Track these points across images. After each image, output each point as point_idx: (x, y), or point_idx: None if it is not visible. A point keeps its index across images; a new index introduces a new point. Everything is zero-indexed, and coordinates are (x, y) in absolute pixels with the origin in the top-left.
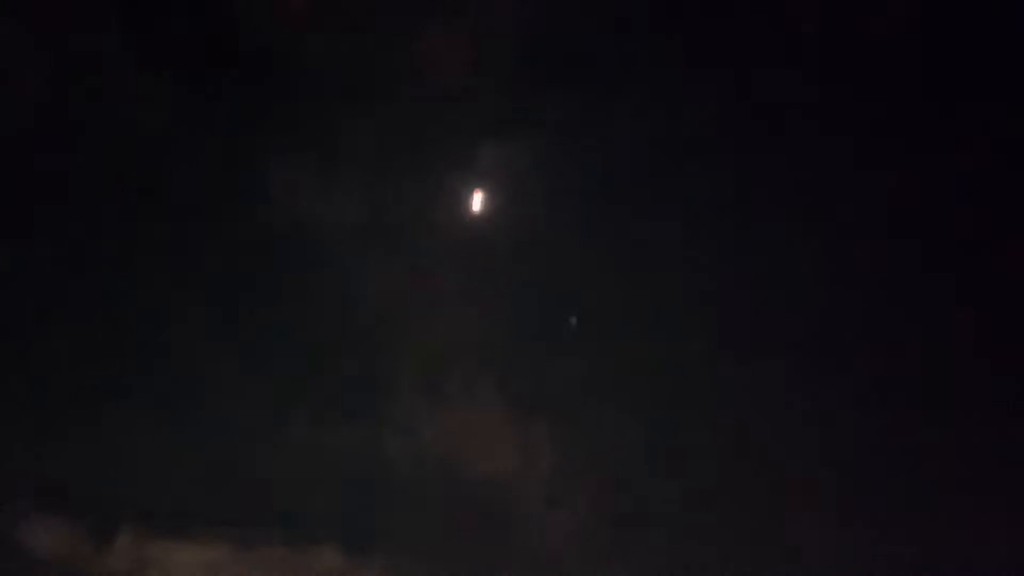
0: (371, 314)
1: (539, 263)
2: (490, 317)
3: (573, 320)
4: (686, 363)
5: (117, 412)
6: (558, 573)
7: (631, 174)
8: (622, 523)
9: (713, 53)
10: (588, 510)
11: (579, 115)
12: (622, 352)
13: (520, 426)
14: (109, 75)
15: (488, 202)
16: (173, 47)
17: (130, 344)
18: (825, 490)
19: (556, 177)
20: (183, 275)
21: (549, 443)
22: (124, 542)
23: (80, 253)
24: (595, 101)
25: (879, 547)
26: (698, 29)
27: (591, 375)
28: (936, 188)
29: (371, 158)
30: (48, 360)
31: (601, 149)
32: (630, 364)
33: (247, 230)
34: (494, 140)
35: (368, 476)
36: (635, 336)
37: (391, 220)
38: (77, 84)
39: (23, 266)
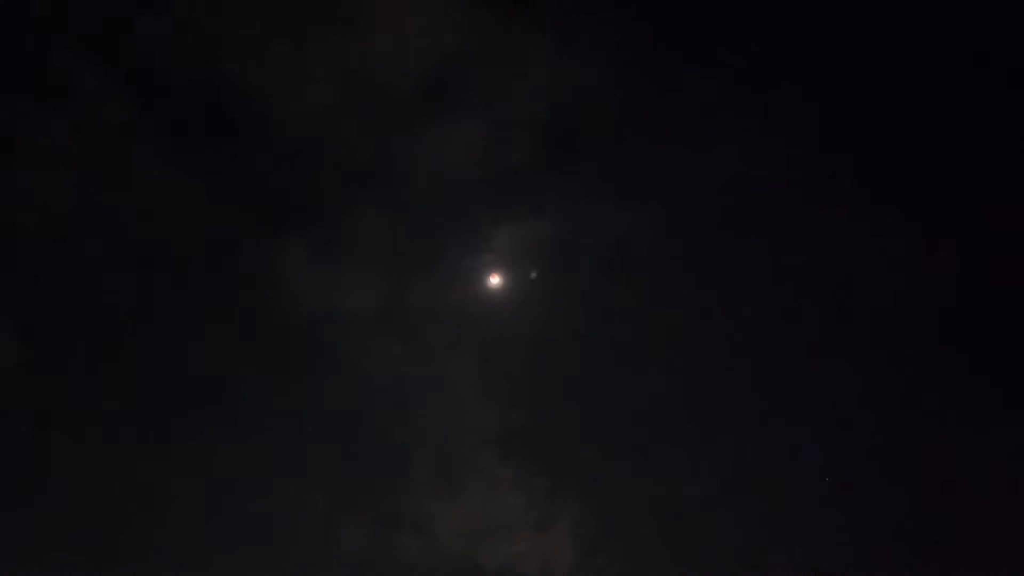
0: (384, 401)
1: (553, 349)
2: (506, 405)
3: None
4: (705, 442)
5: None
6: None
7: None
8: None
9: (707, 139)
10: None
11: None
12: (639, 435)
13: (538, 516)
14: (133, 171)
15: (500, 288)
16: (193, 143)
17: (138, 428)
18: None
19: (567, 262)
20: (195, 364)
21: (570, 536)
22: None
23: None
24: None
25: None
26: (692, 119)
27: (612, 459)
28: None
29: (385, 246)
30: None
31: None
32: (648, 446)
33: (260, 319)
34: (506, 226)
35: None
36: (651, 418)
37: (405, 307)
38: (103, 179)
39: (45, 352)
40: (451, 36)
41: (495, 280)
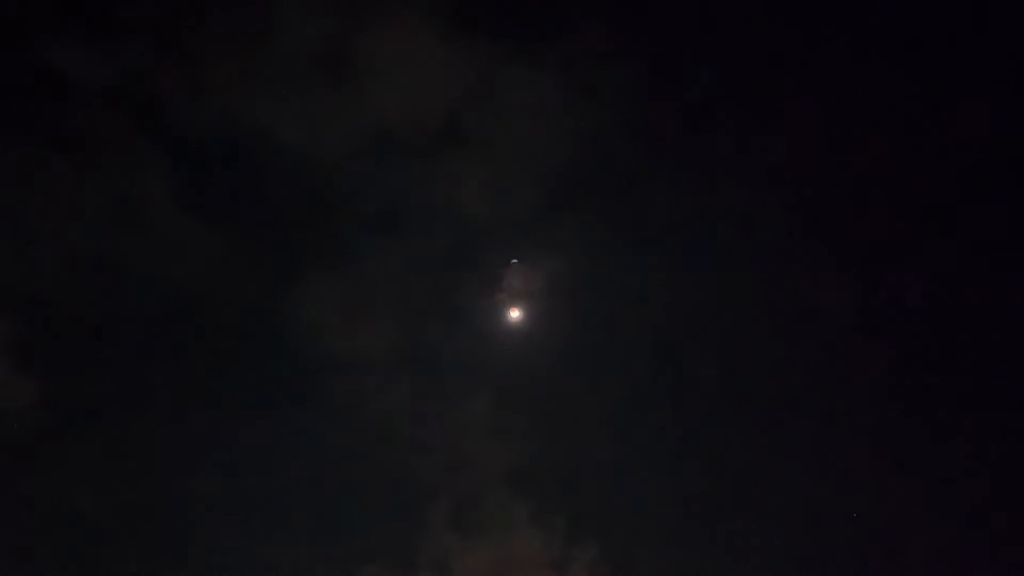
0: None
1: (569, 386)
2: (522, 442)
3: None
4: (725, 480)
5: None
6: None
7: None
8: None
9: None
10: None
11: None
12: (660, 472)
13: (555, 555)
14: (151, 220)
15: (515, 326)
16: (213, 190)
17: (155, 467)
18: None
19: (580, 300)
20: (210, 405)
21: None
22: None
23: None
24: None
25: None
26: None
27: (631, 494)
28: None
29: (400, 287)
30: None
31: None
32: (670, 484)
33: (276, 360)
34: (519, 266)
35: None
36: (669, 455)
37: (421, 347)
38: (121, 229)
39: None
40: (464, 81)
41: (511, 317)
